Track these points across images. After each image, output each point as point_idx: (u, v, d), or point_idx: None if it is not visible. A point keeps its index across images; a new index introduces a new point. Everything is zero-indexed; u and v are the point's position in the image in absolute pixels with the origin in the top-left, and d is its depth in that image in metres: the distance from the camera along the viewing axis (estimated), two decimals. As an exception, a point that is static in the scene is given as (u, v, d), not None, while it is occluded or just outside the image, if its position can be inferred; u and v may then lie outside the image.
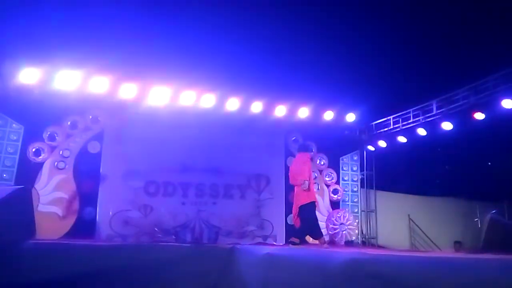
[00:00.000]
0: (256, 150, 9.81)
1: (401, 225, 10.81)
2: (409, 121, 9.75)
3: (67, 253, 4.75)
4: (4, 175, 8.10)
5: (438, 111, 9.04)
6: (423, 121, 9.41)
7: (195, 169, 9.31)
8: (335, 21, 8.50)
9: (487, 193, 10.42)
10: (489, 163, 11.53)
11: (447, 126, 8.95)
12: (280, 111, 9.78)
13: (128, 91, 8.72)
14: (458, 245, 10.02)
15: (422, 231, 10.70)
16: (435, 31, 8.50)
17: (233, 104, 9.40)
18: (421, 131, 9.53)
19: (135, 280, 4.75)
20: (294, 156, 10.17)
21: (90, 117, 8.88)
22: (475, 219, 9.75)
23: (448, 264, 3.06)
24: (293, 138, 10.32)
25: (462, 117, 8.63)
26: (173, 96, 9.01)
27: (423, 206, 11.07)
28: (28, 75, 8.14)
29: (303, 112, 9.95)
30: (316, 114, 10.10)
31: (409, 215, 10.83)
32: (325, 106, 10.10)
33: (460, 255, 5.40)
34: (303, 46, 9.09)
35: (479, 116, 8.28)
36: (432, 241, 10.57)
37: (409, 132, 9.87)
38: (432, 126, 9.29)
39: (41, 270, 4.46)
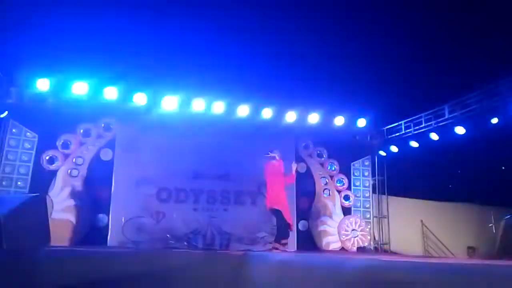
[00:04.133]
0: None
1: (414, 230, 10.68)
2: (421, 126, 9.65)
3: (81, 260, 4.80)
4: (19, 183, 8.22)
5: (451, 115, 8.94)
6: (435, 125, 9.31)
7: (206, 175, 9.32)
8: (346, 27, 8.53)
9: (501, 198, 10.25)
10: (503, 168, 11.35)
11: (460, 130, 8.85)
12: (291, 116, 9.78)
13: (139, 98, 8.83)
14: (472, 250, 9.88)
15: (436, 237, 10.56)
16: (446, 35, 8.46)
17: (243, 110, 9.44)
18: (434, 136, 9.44)
19: (147, 287, 4.78)
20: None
21: (103, 125, 8.96)
22: (489, 225, 9.60)
23: (462, 270, 3.02)
24: (304, 144, 10.29)
25: (475, 121, 8.54)
26: (184, 103, 9.09)
27: (436, 212, 10.93)
28: (41, 84, 8.31)
29: (314, 118, 9.92)
30: (327, 119, 10.05)
31: (422, 220, 10.71)
32: (335, 111, 10.06)
33: (475, 261, 5.32)
34: (314, 51, 9.13)
35: (493, 120, 8.19)
36: (445, 247, 10.43)
37: (421, 137, 9.77)
38: (444, 131, 9.19)
39: (56, 277, 4.50)
